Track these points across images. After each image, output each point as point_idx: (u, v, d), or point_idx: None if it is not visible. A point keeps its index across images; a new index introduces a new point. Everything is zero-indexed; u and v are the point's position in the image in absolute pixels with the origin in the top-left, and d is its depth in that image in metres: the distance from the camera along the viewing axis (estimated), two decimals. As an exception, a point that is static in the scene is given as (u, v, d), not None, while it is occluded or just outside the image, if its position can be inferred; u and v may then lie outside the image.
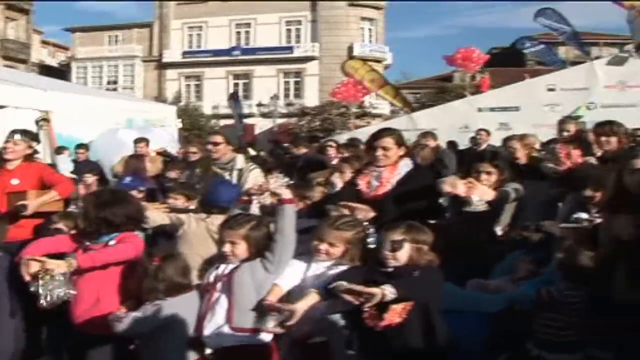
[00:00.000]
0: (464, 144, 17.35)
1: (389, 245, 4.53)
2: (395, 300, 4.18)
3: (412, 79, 71.42)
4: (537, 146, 11.99)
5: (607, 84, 23.45)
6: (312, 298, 4.45)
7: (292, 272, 4.77)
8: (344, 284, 4.20)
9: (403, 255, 4.50)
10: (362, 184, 6.20)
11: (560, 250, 4.90)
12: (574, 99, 23.14)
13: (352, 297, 4.13)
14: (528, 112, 22.91)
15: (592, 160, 7.48)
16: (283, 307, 4.45)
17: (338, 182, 6.82)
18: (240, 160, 7.95)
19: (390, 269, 4.46)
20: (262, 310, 4.59)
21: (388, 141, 6.14)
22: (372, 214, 5.54)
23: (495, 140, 16.63)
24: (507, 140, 8.98)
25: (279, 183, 4.98)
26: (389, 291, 4.11)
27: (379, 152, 6.13)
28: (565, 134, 9.12)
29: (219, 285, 4.74)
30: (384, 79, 29.80)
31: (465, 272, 5.65)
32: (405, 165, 6.18)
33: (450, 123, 22.96)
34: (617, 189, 4.81)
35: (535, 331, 4.80)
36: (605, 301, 4.46)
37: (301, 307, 4.40)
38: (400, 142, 6.21)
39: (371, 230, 5.06)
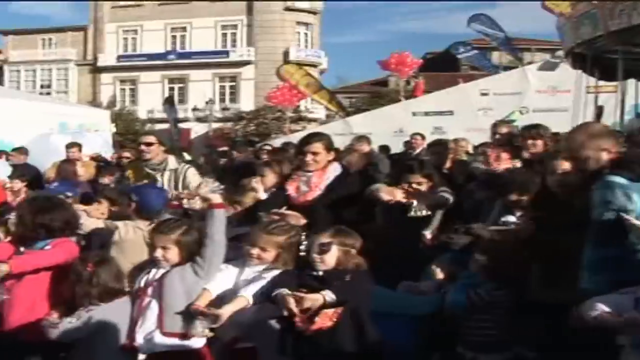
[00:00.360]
0: (399, 147, 17.31)
1: (317, 249, 4.58)
2: (327, 304, 4.24)
3: (348, 83, 71.74)
4: (470, 150, 11.96)
5: (539, 89, 23.82)
6: (239, 302, 4.49)
7: (223, 277, 4.76)
8: (286, 291, 4.27)
9: (331, 258, 4.56)
10: (291, 189, 6.21)
11: (481, 252, 4.97)
12: (507, 103, 23.46)
13: (294, 304, 4.20)
14: (462, 116, 23.14)
15: (517, 163, 7.67)
16: (208, 311, 4.46)
17: (259, 187, 6.72)
18: (172, 161, 7.94)
19: (320, 273, 4.52)
20: (190, 314, 4.59)
21: (317, 146, 6.17)
22: (303, 221, 5.53)
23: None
24: (431, 145, 8.89)
25: (209, 188, 4.96)
26: (329, 297, 4.20)
27: (309, 158, 6.15)
28: (498, 136, 9.14)
29: (149, 290, 4.72)
30: (319, 83, 29.88)
31: (401, 276, 5.67)
32: (334, 170, 6.22)
33: (385, 127, 23.06)
34: (539, 190, 5.11)
35: (464, 333, 4.87)
36: (526, 300, 4.68)
37: (227, 311, 4.43)
38: (329, 147, 6.25)
39: (303, 237, 5.06)
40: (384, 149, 17.35)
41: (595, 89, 17.67)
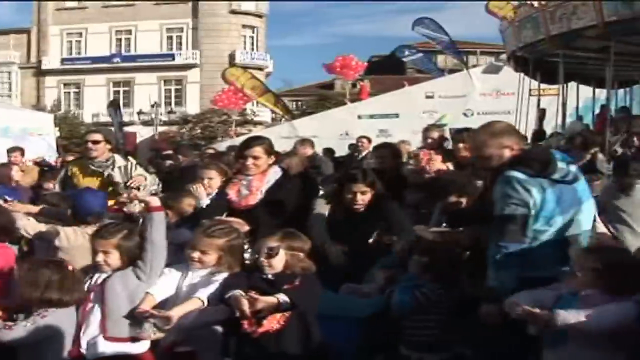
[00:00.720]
0: (344, 150, 17.26)
1: (264, 253, 4.58)
2: (280, 307, 4.29)
3: (294, 86, 71.69)
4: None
5: (483, 91, 24.04)
6: (192, 304, 4.48)
7: (165, 281, 4.72)
8: (240, 292, 4.28)
9: (279, 262, 4.56)
10: (231, 193, 6.16)
11: (421, 253, 5.00)
12: (452, 106, 23.60)
13: (247, 306, 4.21)
14: (407, 119, 23.25)
15: (450, 165, 7.84)
16: (158, 313, 4.43)
17: (201, 192, 6.66)
18: (119, 159, 7.87)
19: (270, 276, 4.52)
20: (136, 318, 4.53)
21: (258, 150, 6.14)
22: (246, 228, 5.48)
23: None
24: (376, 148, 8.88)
25: (147, 189, 5.11)
26: (283, 299, 4.24)
27: (249, 162, 6.12)
28: (430, 141, 9.22)
29: (92, 296, 4.67)
30: (265, 86, 29.71)
31: (345, 278, 5.67)
32: (274, 173, 6.22)
33: (330, 130, 23.08)
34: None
35: (408, 334, 4.90)
36: (462, 299, 4.78)
37: (178, 312, 4.41)
38: (270, 151, 6.23)
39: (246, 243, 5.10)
40: (329, 151, 17.30)
41: (537, 92, 17.86)
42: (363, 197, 5.96)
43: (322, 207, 6.13)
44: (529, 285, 4.09)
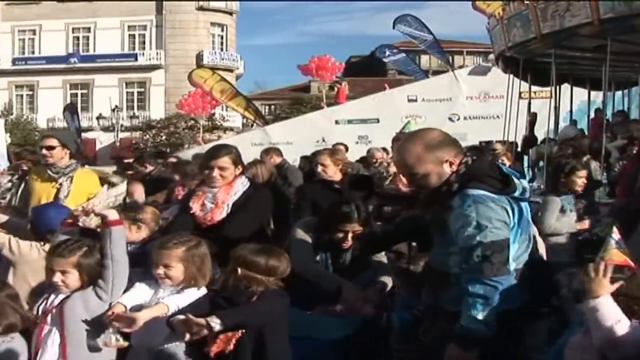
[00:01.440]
0: (321, 158, 17.14)
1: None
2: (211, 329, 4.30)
3: (266, 89, 71.83)
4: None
5: (470, 94, 24.10)
6: (158, 308, 4.55)
7: (136, 293, 4.74)
8: (181, 317, 4.30)
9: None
10: (195, 207, 6.05)
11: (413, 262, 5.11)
12: (436, 110, 23.63)
13: (185, 329, 4.25)
14: (388, 124, 23.17)
15: None
16: (124, 314, 4.48)
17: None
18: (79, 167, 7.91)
19: (229, 294, 4.57)
20: (97, 327, 4.57)
21: (225, 161, 6.04)
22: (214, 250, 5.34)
23: (355, 155, 16.46)
24: (314, 155, 8.76)
25: (104, 201, 5.00)
26: (214, 322, 4.22)
27: (215, 173, 6.02)
28: None
29: (49, 319, 4.59)
30: (235, 89, 29.63)
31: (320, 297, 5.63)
32: (242, 184, 6.14)
33: (306, 136, 23.02)
34: None
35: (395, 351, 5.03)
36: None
37: (144, 315, 4.47)
38: (237, 160, 6.14)
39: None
40: (307, 159, 17.23)
41: (528, 95, 17.88)
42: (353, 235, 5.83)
43: (303, 234, 5.93)
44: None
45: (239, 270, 4.58)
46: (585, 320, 3.71)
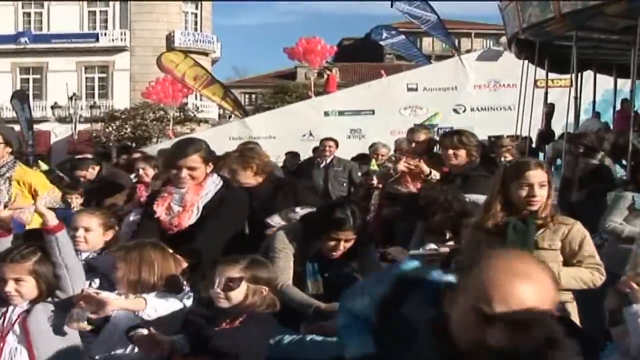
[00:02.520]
0: (309, 154, 17.14)
1: (222, 283, 4.66)
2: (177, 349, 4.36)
3: (247, 76, 71.78)
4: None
5: (478, 83, 24.10)
6: (136, 303, 4.63)
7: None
8: (143, 331, 4.37)
9: (237, 296, 4.66)
10: (160, 211, 6.03)
11: None
12: (439, 100, 23.64)
13: (147, 347, 4.33)
14: (385, 116, 23.26)
15: (436, 175, 8.06)
16: (95, 295, 4.53)
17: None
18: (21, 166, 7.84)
19: (209, 312, 4.63)
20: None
21: (195, 159, 6.00)
22: (184, 265, 5.31)
23: (346, 151, 16.41)
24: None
25: (45, 202, 4.95)
26: (179, 344, 4.30)
27: (184, 173, 5.97)
28: (414, 145, 9.31)
29: (10, 337, 4.59)
30: (210, 76, 29.57)
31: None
32: (213, 184, 6.09)
33: (291, 130, 23.10)
34: None
35: None
36: None
37: (117, 303, 4.57)
38: (208, 158, 6.11)
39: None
40: (293, 156, 17.19)
41: (545, 84, 17.86)
42: (346, 244, 5.82)
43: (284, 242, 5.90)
44: None
45: (248, 287, 4.67)
46: (621, 342, 4.21)
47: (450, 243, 6.81)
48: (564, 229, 5.26)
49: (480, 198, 7.06)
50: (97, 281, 5.26)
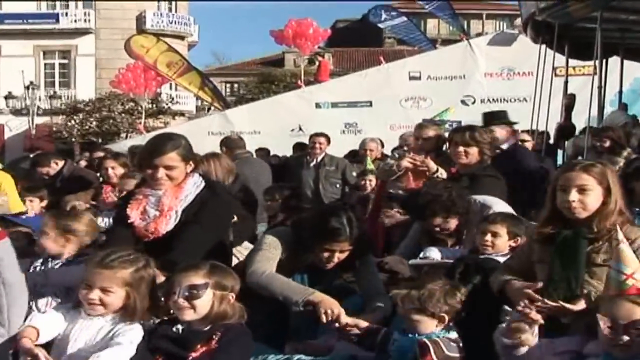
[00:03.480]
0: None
1: (184, 292, 4.69)
2: None
3: (228, 63, 71.85)
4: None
5: (490, 70, 24.07)
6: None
7: (50, 318, 4.80)
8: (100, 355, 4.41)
9: (203, 305, 4.70)
10: (134, 215, 6.01)
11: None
12: (446, 91, 23.60)
13: None
14: (384, 108, 23.24)
15: (442, 174, 8.10)
16: (31, 350, 4.49)
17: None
18: None
19: (180, 329, 4.67)
20: None
21: (172, 157, 5.98)
22: (162, 278, 5.34)
23: (340, 148, 16.40)
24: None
25: None
26: None
27: (160, 173, 5.96)
28: (420, 142, 9.37)
29: None
30: (186, 62, 29.52)
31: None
32: (194, 186, 6.08)
33: (278, 124, 23.14)
34: None
35: None
36: None
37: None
38: (187, 156, 6.07)
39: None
40: (263, 152, 17.18)
41: (565, 71, 17.87)
42: (341, 255, 5.89)
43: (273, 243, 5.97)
44: None
45: (214, 294, 4.71)
46: None
47: (456, 249, 6.90)
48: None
49: (489, 199, 7.14)
50: (45, 301, 5.27)
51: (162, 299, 5.04)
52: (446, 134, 9.82)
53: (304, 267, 5.86)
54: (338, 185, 14.23)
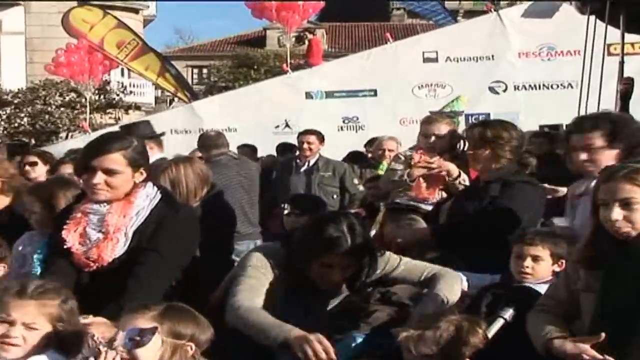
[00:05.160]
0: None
1: (125, 338, 4.68)
2: None
3: (195, 42, 71.95)
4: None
5: (524, 49, 24.02)
6: None
7: None
8: None
9: (147, 356, 4.67)
10: (72, 239, 5.94)
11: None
12: (470, 75, 23.47)
13: None
14: (392, 98, 23.10)
15: (465, 180, 8.40)
16: None
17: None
18: None
19: None
20: None
21: (115, 160, 5.92)
22: (109, 335, 5.19)
23: (338, 149, 16.43)
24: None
25: None
26: None
27: (97, 179, 5.88)
28: (433, 139, 9.34)
29: None
30: (142, 42, 29.52)
31: None
32: (147, 198, 6.05)
33: (259, 118, 23.03)
34: None
35: None
36: None
37: None
38: (137, 160, 6.03)
39: None
40: (250, 150, 17.14)
41: (620, 50, 17.90)
42: (343, 272, 5.98)
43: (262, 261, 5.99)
44: None
45: (164, 341, 4.69)
46: None
47: (485, 275, 6.96)
48: None
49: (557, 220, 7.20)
50: None
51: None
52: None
53: (302, 291, 5.87)
54: (335, 196, 14.14)
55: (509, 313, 5.50)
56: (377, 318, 6.04)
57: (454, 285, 6.12)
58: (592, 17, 17.29)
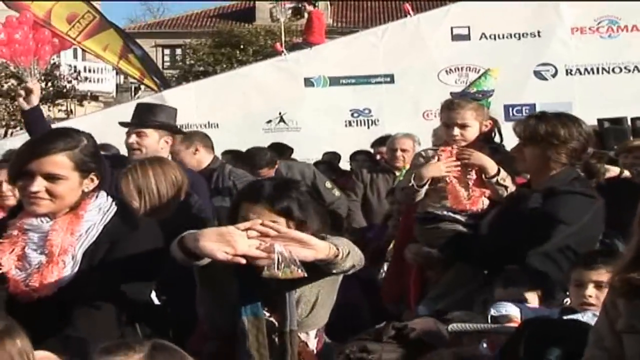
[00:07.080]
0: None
1: None
2: None
3: (166, 16, 72.18)
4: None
5: (579, 24, 23.93)
6: None
7: None
8: None
9: None
10: (7, 262, 5.90)
11: None
12: (511, 55, 23.33)
13: None
14: (412, 86, 22.94)
15: (505, 180, 8.41)
16: None
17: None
18: None
19: None
20: None
21: (58, 163, 5.89)
22: None
23: (343, 145, 16.48)
24: None
25: None
26: None
27: (36, 186, 5.83)
28: (456, 130, 9.01)
29: None
30: (100, 16, 29.44)
31: None
32: (99, 211, 6.05)
33: (247, 111, 22.87)
34: None
35: None
36: None
37: None
38: (86, 164, 6.01)
39: None
40: (234, 155, 17.12)
41: None
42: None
43: None
44: None
45: None
46: None
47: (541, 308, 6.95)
48: None
49: None
50: None
51: None
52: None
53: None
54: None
55: (555, 355, 5.52)
56: None
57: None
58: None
